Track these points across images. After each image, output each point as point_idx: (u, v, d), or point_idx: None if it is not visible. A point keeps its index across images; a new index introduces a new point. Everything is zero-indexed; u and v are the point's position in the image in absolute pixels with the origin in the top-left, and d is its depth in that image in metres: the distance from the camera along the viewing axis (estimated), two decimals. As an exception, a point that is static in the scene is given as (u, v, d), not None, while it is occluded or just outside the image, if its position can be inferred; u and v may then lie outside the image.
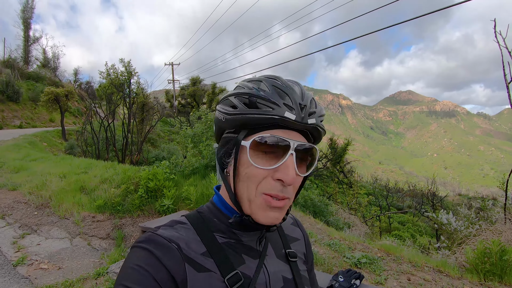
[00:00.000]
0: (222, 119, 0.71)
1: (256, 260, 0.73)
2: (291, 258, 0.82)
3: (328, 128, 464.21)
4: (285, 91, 0.67)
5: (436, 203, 16.89)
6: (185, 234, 0.69)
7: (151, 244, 0.64)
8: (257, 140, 0.65)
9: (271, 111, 0.64)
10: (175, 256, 0.63)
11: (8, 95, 24.41)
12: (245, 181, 0.67)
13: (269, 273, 0.74)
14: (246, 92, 0.68)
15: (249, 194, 0.67)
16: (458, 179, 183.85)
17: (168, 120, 33.89)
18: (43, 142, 16.96)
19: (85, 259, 4.37)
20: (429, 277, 3.77)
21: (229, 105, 0.70)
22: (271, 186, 0.65)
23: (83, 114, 26.27)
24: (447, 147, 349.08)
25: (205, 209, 0.78)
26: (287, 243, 0.86)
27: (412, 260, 4.31)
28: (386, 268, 4.02)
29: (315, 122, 0.68)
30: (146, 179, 6.41)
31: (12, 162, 9.51)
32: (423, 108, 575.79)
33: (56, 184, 7.05)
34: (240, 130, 0.69)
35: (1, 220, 5.46)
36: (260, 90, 0.67)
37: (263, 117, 0.65)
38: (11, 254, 4.25)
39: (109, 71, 15.90)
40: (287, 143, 0.64)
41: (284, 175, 0.63)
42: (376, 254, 4.51)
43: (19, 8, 37.14)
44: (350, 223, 9.73)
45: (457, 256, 4.75)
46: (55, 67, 41.29)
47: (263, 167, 0.65)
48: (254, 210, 0.67)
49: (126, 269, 0.61)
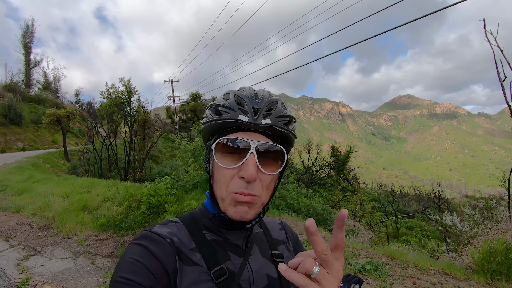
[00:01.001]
0: (202, 130, 0.85)
1: (241, 257, 0.80)
2: (277, 259, 0.87)
3: (330, 136, 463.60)
4: (243, 98, 0.76)
5: (442, 206, 16.73)
6: (177, 231, 0.77)
7: (146, 240, 0.70)
8: (219, 141, 0.74)
9: (228, 116, 0.75)
10: (167, 249, 0.70)
11: (10, 118, 24.65)
12: (218, 182, 0.76)
13: (253, 271, 0.79)
14: (215, 103, 0.79)
15: (221, 194, 0.75)
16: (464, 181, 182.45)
17: (169, 136, 34.02)
18: (46, 163, 17.03)
19: (89, 278, 4.35)
20: (435, 280, 3.73)
21: (204, 117, 0.84)
22: (237, 184, 0.72)
23: (85, 134, 26.45)
24: (450, 149, 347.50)
25: (196, 210, 0.87)
26: (274, 246, 0.91)
27: (418, 264, 4.28)
28: (391, 273, 3.98)
29: (270, 122, 0.74)
30: (148, 195, 6.43)
31: (16, 185, 9.55)
32: (423, 112, 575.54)
33: (59, 205, 7.06)
34: (213, 137, 0.80)
35: (5, 242, 5.46)
36: (224, 100, 0.77)
37: (223, 122, 0.75)
38: (15, 276, 4.25)
39: (109, 90, 16.04)
40: (247, 143, 0.72)
41: (244, 172, 0.70)
42: (380, 259, 4.48)
43: (20, 33, 37.77)
44: (355, 230, 9.64)
45: (463, 257, 4.70)
46: (56, 89, 41.80)
47: (228, 166, 0.73)
48: (226, 207, 0.74)
49: (123, 262, 0.66)
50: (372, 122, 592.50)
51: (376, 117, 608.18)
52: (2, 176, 11.19)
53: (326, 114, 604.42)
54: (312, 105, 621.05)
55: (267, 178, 0.75)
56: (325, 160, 23.07)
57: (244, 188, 0.71)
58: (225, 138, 0.74)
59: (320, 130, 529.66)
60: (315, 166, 22.76)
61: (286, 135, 0.78)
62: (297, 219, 7.59)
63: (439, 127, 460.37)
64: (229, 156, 0.74)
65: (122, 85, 16.19)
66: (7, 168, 13.31)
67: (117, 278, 0.62)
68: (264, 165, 0.73)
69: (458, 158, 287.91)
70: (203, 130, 0.84)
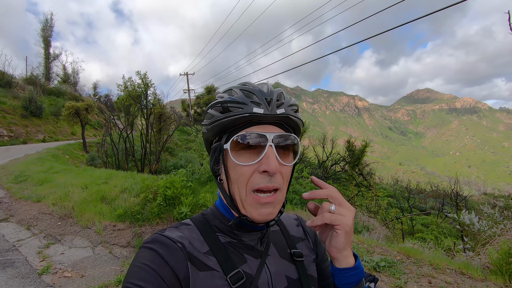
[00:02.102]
0: (205, 131, 0.78)
1: (258, 259, 0.77)
2: (297, 258, 0.84)
3: (345, 130, 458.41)
4: (251, 91, 0.73)
5: (460, 203, 16.36)
6: (189, 234, 0.74)
7: (156, 244, 0.69)
8: (235, 139, 0.71)
9: (241, 110, 0.70)
10: (179, 255, 0.68)
11: (31, 110, 25.37)
12: (236, 182, 0.72)
13: (271, 273, 0.76)
14: (219, 101, 0.74)
15: (241, 194, 0.72)
16: (483, 178, 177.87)
17: (185, 129, 34.35)
18: (66, 154, 17.50)
19: (107, 267, 4.47)
20: (451, 280, 3.67)
21: (209, 117, 0.76)
22: (259, 179, 0.69)
23: (103, 126, 26.96)
24: (469, 145, 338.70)
25: (208, 211, 0.83)
26: (292, 244, 0.88)
27: (433, 262, 4.20)
28: (406, 271, 3.94)
29: (285, 111, 0.73)
30: (164, 187, 6.53)
31: (37, 175, 9.86)
32: (442, 106, 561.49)
33: (79, 195, 7.27)
34: (222, 136, 0.75)
35: (27, 231, 5.67)
36: (231, 96, 0.73)
37: (236, 118, 0.70)
38: (36, 263, 4.41)
39: (126, 83, 16.29)
40: (264, 136, 0.69)
41: (267, 166, 0.68)
42: (395, 257, 4.43)
43: (39, 27, 38.69)
44: (369, 226, 9.54)
45: (481, 257, 4.60)
46: (75, 82, 42.75)
47: (247, 163, 0.70)
48: (247, 209, 0.72)
49: (134, 267, 0.65)
50: (389, 116, 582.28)
51: (394, 111, 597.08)
52: (24, 166, 11.57)
53: (341, 107, 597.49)
54: (328, 98, 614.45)
55: (286, 169, 0.74)
56: (340, 154, 22.83)
57: (268, 181, 0.69)
58: (240, 135, 0.70)
59: (336, 124, 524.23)
60: (329, 161, 22.58)
61: (298, 123, 0.77)
62: (310, 214, 7.57)
63: (459, 122, 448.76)
64: (245, 153, 0.71)
65: (138, 78, 16.42)
66: (28, 159, 13.75)
67: (128, 284, 0.61)
68: (281, 156, 0.72)
69: (478, 155, 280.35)
70: (208, 132, 0.77)
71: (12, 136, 22.65)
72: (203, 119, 0.79)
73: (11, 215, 6.51)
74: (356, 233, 7.21)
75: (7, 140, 21.95)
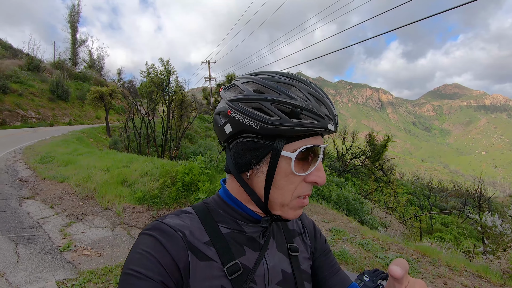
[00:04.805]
0: (254, 126, 0.64)
1: (257, 252, 0.75)
2: (292, 253, 0.83)
3: (367, 124, 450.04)
4: (321, 100, 0.67)
5: (483, 204, 15.82)
6: (190, 223, 0.72)
7: (157, 231, 0.67)
8: (302, 151, 0.66)
9: (316, 123, 0.64)
10: (179, 244, 0.66)
11: (58, 94, 26.25)
12: (281, 189, 0.69)
13: (269, 266, 0.75)
14: (286, 102, 0.63)
15: (284, 200, 0.70)
16: (510, 179, 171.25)
17: (205, 117, 34.70)
18: (90, 137, 18.05)
19: (124, 247, 4.61)
20: (467, 283, 3.57)
21: (262, 111, 0.65)
22: (305, 188, 0.70)
23: (126, 112, 27.60)
24: (497, 144, 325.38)
25: (211, 200, 0.81)
26: (290, 238, 0.87)
27: (450, 263, 4.10)
28: (421, 271, 3.85)
29: (337, 126, 0.71)
30: (183, 173, 6.64)
31: (61, 156, 10.22)
32: (471, 102, 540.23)
33: (100, 177, 7.49)
34: (275, 138, 0.66)
35: (51, 209, 5.91)
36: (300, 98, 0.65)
37: (308, 129, 0.64)
38: (58, 240, 4.60)
39: (149, 70, 16.58)
40: (320, 149, 0.69)
41: (318, 178, 0.69)
42: (411, 255, 4.34)
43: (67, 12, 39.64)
44: (386, 222, 9.40)
45: (501, 261, 4.44)
46: (100, 67, 43.83)
47: (302, 174, 0.67)
48: (286, 211, 0.72)
49: (134, 254, 0.64)
50: (413, 111, 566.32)
51: (419, 106, 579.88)
52: (50, 148, 12.02)
53: (364, 100, 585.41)
54: (351, 90, 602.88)
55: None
56: (361, 148, 22.43)
57: (309, 190, 0.71)
58: (309, 148, 0.66)
59: (357, 117, 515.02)
60: (349, 154, 22.21)
61: None
62: (326, 206, 7.52)
63: (487, 120, 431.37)
64: (301, 162, 0.67)
65: (161, 65, 16.66)
66: (54, 141, 14.28)
67: (128, 271, 0.61)
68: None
69: (505, 155, 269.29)
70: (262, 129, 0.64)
71: (40, 118, 23.56)
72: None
73: (37, 194, 6.80)
74: (372, 229, 7.12)
75: (35, 122, 22.86)
